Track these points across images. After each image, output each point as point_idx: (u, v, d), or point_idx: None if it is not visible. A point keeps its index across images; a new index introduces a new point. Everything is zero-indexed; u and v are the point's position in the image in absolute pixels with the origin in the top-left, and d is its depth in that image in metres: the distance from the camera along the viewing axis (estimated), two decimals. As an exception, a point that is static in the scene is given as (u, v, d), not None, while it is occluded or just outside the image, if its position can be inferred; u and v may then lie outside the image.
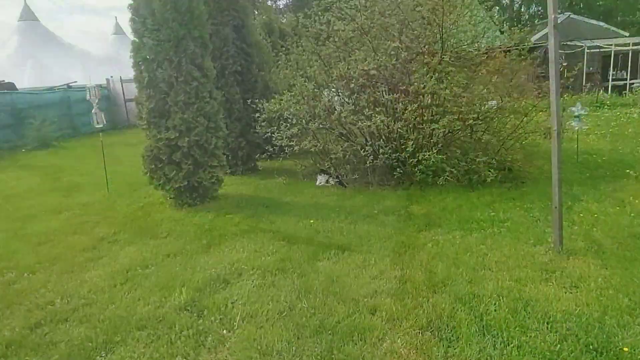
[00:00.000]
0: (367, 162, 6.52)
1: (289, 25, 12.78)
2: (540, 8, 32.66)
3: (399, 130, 6.43)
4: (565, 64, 11.93)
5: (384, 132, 6.81)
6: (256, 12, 16.99)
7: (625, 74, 20.83)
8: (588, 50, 19.72)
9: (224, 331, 3.23)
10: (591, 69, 20.12)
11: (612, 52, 20.27)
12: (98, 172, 8.70)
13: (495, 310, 3.27)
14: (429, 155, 6.26)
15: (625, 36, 22.10)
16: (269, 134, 7.72)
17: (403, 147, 6.62)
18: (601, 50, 20.24)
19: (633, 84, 19.88)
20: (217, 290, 3.82)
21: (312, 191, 7.26)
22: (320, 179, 7.77)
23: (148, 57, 6.27)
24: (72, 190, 8.49)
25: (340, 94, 6.93)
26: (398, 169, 6.77)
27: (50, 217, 6.56)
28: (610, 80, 20.29)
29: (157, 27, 6.12)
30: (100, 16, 77.16)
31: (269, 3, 33.30)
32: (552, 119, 3.91)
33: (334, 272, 4.07)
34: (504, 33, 6.93)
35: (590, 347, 2.84)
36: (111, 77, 20.46)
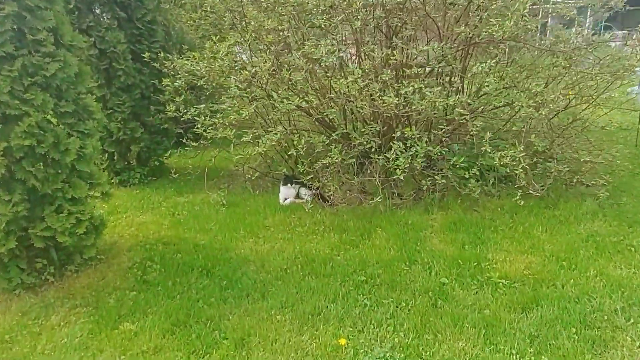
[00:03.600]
0: (399, 172, 3.41)
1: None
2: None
3: (453, 111, 3.39)
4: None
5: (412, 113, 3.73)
6: None
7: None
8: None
9: None
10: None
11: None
12: None
13: None
14: (512, 154, 3.36)
15: None
16: (189, 116, 4.23)
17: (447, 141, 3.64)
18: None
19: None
20: None
21: (281, 220, 4.02)
22: (286, 193, 4.51)
23: None
24: None
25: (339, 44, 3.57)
26: (430, 177, 3.82)
27: None
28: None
29: None
30: None
31: None
32: None
33: None
34: None
35: None
36: None
